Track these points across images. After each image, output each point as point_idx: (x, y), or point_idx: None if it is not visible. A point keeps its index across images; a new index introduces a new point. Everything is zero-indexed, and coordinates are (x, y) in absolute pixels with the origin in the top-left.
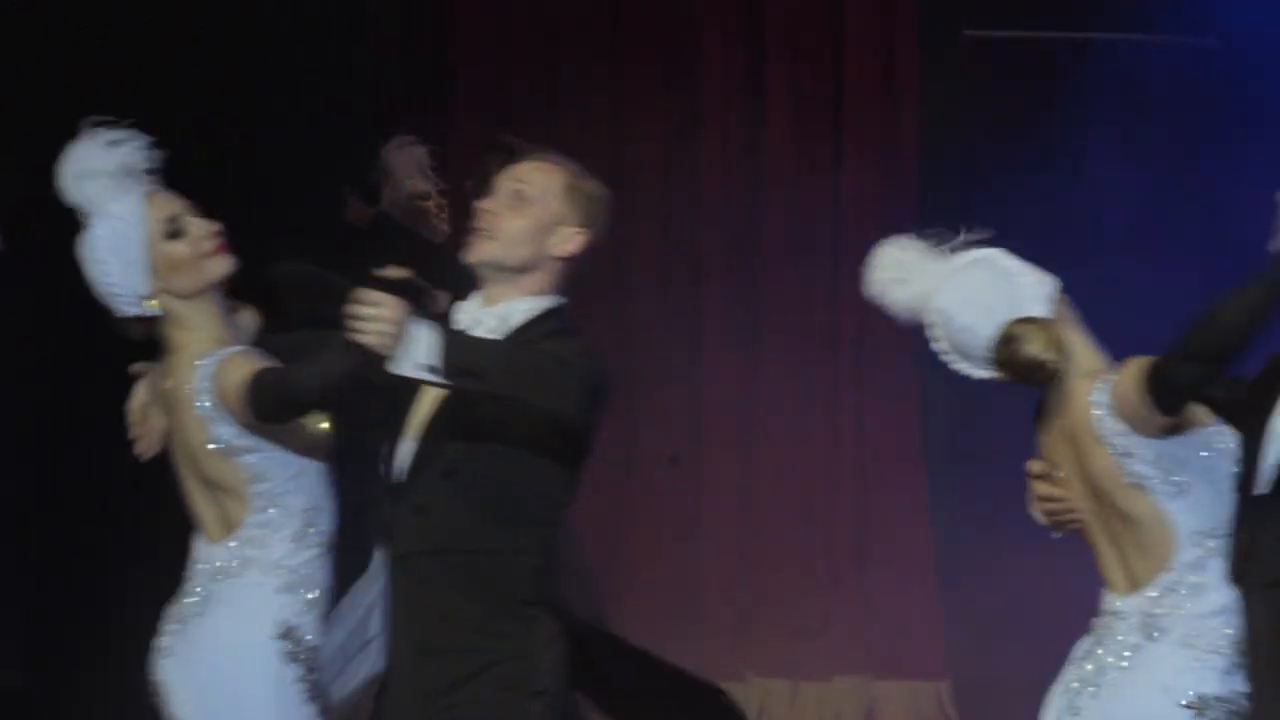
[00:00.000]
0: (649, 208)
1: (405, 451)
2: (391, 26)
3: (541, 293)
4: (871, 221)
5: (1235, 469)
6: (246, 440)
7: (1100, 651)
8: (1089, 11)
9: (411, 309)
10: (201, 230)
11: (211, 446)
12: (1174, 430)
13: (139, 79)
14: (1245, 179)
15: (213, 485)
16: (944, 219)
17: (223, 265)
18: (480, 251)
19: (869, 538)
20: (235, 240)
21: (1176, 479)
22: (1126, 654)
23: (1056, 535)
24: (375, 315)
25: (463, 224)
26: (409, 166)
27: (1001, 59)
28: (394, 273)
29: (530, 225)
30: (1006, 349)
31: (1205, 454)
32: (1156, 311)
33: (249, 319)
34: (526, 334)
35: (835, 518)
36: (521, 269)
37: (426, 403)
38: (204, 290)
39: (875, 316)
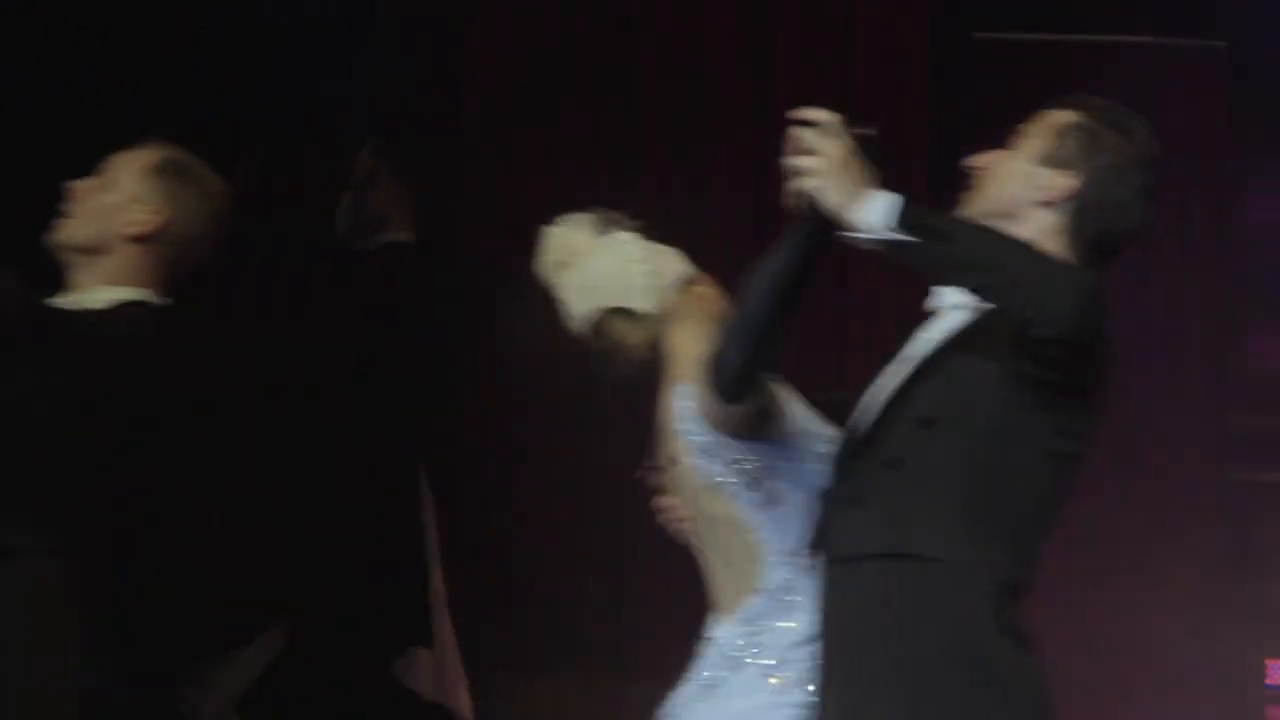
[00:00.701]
0: (659, 208)
1: None
2: (399, 31)
3: (120, 282)
4: None
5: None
6: None
7: (684, 684)
8: (1101, 14)
9: None
10: None
11: None
12: (754, 427)
13: (139, 79)
14: (1260, 180)
15: None
16: None
17: None
18: (56, 233)
19: None
20: (237, 243)
21: (760, 484)
22: (709, 687)
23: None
24: None
25: (472, 231)
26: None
27: (1012, 61)
28: None
29: (101, 202)
30: (592, 336)
31: (798, 462)
32: (1172, 314)
33: None
34: None
35: None
36: (91, 249)
37: None
38: None
39: (882, 320)
